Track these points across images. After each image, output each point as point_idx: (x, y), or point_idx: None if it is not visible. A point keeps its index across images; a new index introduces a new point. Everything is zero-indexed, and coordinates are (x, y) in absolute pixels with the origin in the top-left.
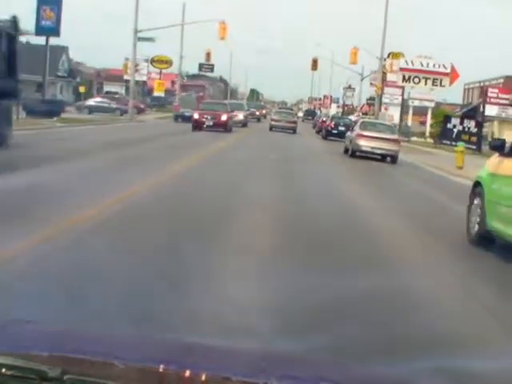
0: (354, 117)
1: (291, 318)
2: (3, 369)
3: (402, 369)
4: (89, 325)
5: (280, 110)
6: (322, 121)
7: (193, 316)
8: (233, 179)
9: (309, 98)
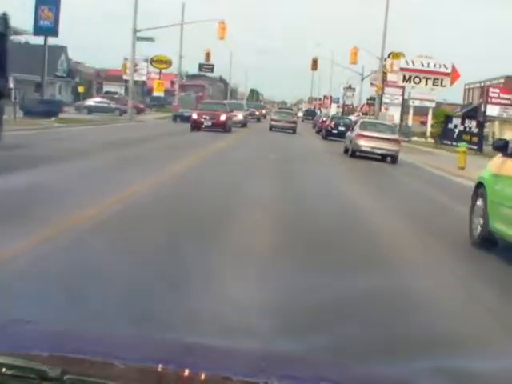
0: (354, 117)
1: (291, 318)
2: (3, 369)
3: (402, 369)
4: (89, 325)
5: (280, 110)
6: (322, 121)
7: (192, 316)
8: (232, 180)
9: (309, 98)
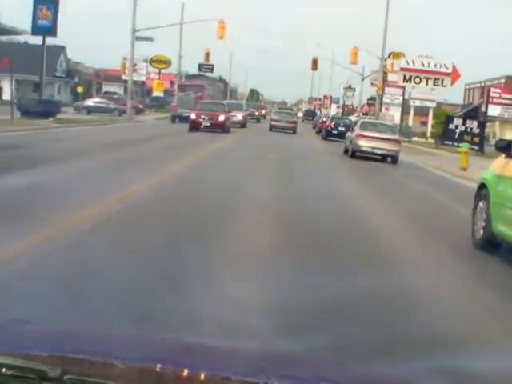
0: (354, 117)
1: (291, 318)
2: (3, 369)
3: (402, 369)
4: (89, 325)
5: (280, 111)
6: (322, 121)
7: (192, 316)
8: (230, 181)
9: (309, 98)
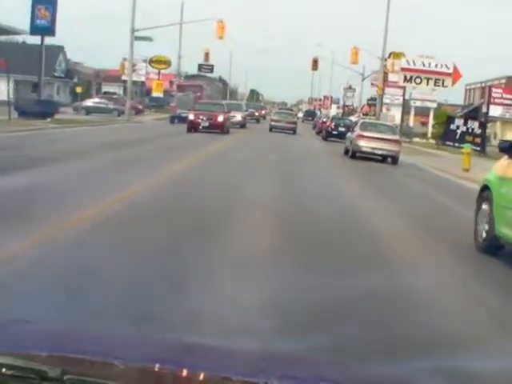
0: (355, 117)
1: (291, 319)
2: (3, 369)
3: (402, 369)
4: (89, 325)
5: (280, 111)
6: (322, 121)
7: (192, 316)
8: (229, 183)
9: (309, 99)
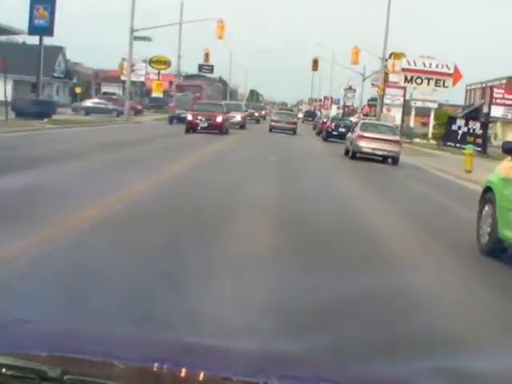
0: (355, 118)
1: (291, 319)
2: (3, 369)
3: (402, 369)
4: (89, 325)
5: (280, 111)
6: (323, 122)
7: (192, 316)
8: (229, 181)
9: (309, 99)
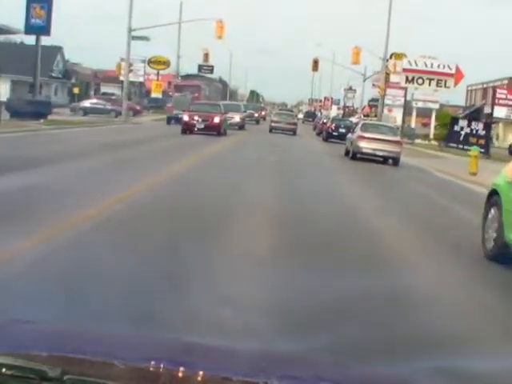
0: (355, 119)
1: (290, 319)
2: (3, 369)
3: (402, 369)
4: (89, 325)
5: (280, 112)
6: (323, 123)
7: (191, 315)
8: (225, 189)
9: (309, 100)
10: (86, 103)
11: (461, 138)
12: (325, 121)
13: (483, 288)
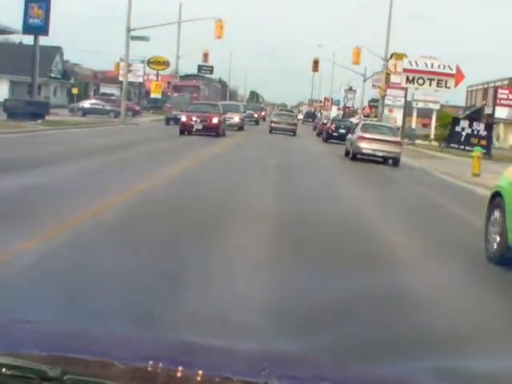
0: (356, 119)
1: (290, 319)
2: (3, 369)
3: (402, 369)
4: (89, 325)
5: (280, 112)
6: (323, 123)
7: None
8: (225, 180)
9: (309, 100)
10: (85, 104)
11: (462, 139)
12: (325, 121)
13: (484, 290)
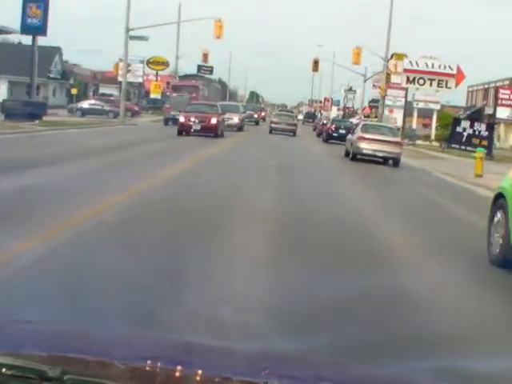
0: (356, 119)
1: (290, 319)
2: (3, 369)
3: (402, 369)
4: (89, 325)
5: (280, 113)
6: (323, 124)
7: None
8: (223, 179)
9: (309, 101)
10: (84, 104)
11: (463, 139)
12: (325, 122)
13: (485, 290)
